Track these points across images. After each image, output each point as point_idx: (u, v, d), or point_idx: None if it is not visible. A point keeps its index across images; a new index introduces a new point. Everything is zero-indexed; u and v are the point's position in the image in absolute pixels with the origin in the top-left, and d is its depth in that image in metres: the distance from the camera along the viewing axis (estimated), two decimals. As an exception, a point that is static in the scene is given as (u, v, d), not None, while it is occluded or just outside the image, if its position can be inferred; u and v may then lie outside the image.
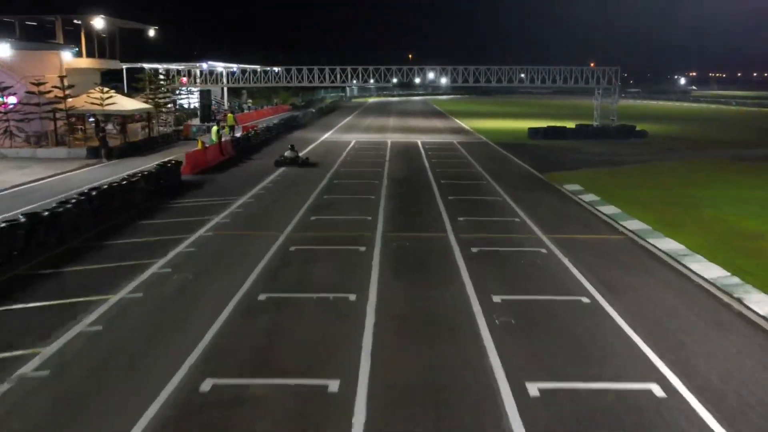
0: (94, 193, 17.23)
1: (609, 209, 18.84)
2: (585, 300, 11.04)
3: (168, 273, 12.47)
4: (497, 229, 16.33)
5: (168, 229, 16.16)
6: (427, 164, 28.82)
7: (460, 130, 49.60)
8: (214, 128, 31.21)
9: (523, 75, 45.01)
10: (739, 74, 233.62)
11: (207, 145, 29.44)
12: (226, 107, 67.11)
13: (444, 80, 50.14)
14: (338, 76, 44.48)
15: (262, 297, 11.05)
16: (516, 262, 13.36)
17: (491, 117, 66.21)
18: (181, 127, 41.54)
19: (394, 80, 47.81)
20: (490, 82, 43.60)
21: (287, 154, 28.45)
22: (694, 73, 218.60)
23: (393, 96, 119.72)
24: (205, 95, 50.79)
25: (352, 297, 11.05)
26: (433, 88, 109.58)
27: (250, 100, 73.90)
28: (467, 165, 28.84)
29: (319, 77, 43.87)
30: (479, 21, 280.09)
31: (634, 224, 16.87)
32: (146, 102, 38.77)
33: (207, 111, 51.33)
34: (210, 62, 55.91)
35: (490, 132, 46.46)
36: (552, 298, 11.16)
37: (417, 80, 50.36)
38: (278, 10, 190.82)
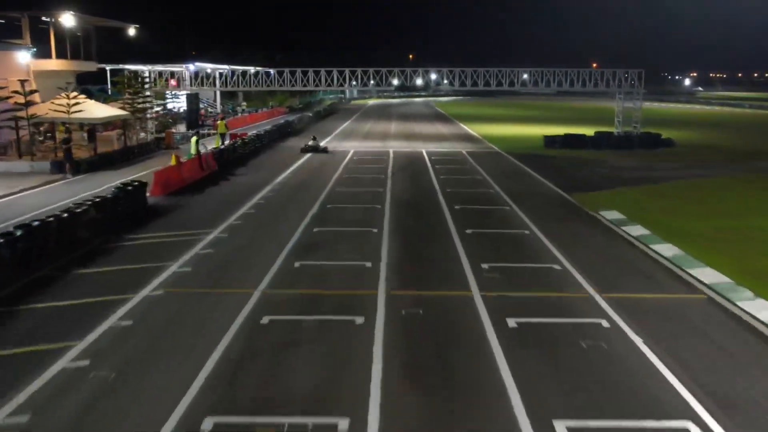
0: (20, 233, 13.52)
1: (667, 249, 15.11)
2: (694, 431, 7.33)
3: (83, 369, 8.76)
4: (535, 284, 12.60)
5: (109, 284, 12.44)
6: (435, 182, 25.10)
7: (467, 137, 45.88)
8: (194, 139, 27.46)
9: (526, 76, 41.21)
10: (740, 74, 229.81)
11: (183, 160, 25.75)
12: (218, 110, 63.57)
13: (446, 81, 46.73)
14: (335, 78, 40.76)
15: (206, 425, 7.32)
16: (573, 346, 9.61)
17: (498, 121, 62.52)
18: (163, 135, 37.77)
19: (395, 81, 44.21)
20: (502, 85, 39.85)
21: (310, 143, 35.60)
22: (695, 74, 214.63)
23: (394, 97, 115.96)
24: (192, 99, 47.05)
25: (343, 424, 7.33)
26: (435, 90, 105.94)
27: (244, 103, 70.16)
28: (482, 183, 25.11)
29: (314, 80, 40.13)
30: (480, 20, 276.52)
31: (708, 275, 13.14)
32: (123, 107, 35.06)
33: (195, 116, 47.63)
34: (197, 63, 52.09)
35: (501, 139, 42.74)
36: (644, 425, 7.44)
37: (419, 81, 46.88)
38: (278, 10, 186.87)
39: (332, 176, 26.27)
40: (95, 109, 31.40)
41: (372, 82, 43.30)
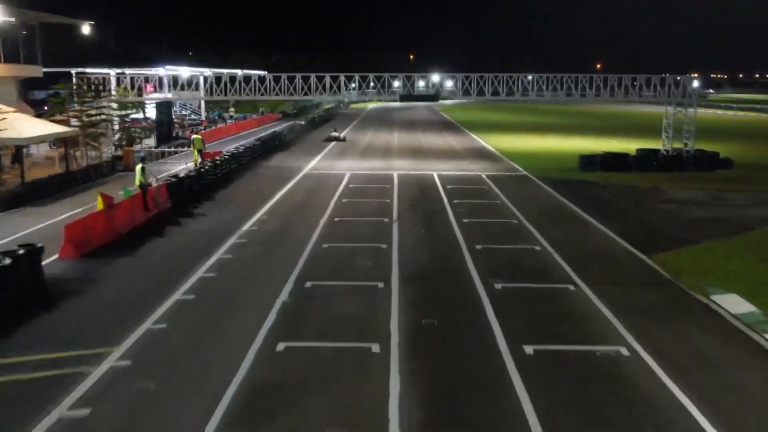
0: None
1: None
2: None
3: None
4: None
5: None
6: (457, 230, 18.60)
7: (483, 153, 39.45)
8: (138, 167, 20.83)
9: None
10: (740, 75, 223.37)
11: (120, 196, 19.30)
12: (203, 118, 57.27)
13: (449, 84, 41.19)
14: (328, 85, 34.36)
15: None
16: None
17: (511, 130, 56.09)
18: (120, 153, 31.31)
19: (396, 84, 38.35)
20: (528, 93, 33.51)
21: (332, 134, 44.27)
22: (695, 75, 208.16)
23: (395, 100, 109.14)
24: (163, 108, 40.51)
25: None
26: (446, 95, 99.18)
27: (232, 109, 63.61)
28: (520, 233, 18.59)
29: (303, 87, 33.71)
30: (481, 19, 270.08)
31: None
32: (66, 121, 28.64)
33: (167, 129, 41.15)
34: (168, 66, 45.50)
35: (523, 156, 36.33)
36: None
37: (421, 84, 41.23)
38: (277, 11, 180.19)
39: (319, 220, 19.84)
40: (23, 126, 24.95)
41: (372, 84, 37.33)
